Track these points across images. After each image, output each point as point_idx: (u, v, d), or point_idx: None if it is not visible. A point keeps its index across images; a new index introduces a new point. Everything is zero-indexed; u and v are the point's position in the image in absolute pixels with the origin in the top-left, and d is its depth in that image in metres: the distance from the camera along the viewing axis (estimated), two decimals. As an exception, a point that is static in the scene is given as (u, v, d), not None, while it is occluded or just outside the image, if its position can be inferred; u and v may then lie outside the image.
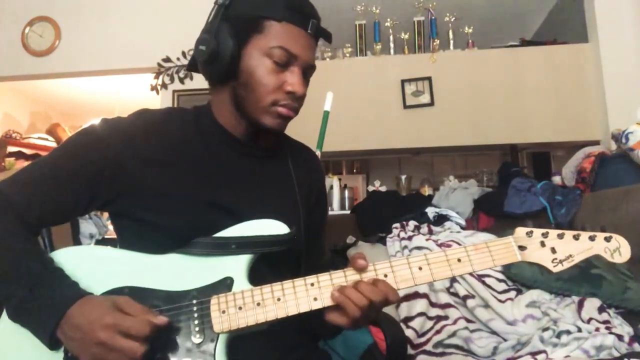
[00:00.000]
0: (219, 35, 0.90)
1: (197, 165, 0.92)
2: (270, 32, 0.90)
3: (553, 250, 0.83)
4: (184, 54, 3.52)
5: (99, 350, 0.72)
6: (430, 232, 2.19)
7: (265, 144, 0.99)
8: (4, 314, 0.80)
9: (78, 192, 0.87)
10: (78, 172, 0.87)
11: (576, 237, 0.83)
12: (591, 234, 0.83)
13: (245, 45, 0.90)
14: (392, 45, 3.64)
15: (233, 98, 0.94)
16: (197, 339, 0.78)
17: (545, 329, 1.59)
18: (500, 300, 1.78)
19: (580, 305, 1.67)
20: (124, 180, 0.88)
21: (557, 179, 2.78)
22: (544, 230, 0.84)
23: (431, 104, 3.38)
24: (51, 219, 0.91)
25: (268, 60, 0.90)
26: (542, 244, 0.84)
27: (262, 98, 0.91)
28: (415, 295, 1.80)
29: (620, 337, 1.49)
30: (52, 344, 0.77)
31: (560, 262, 0.83)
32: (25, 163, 3.86)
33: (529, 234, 0.84)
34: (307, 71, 0.94)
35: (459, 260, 0.82)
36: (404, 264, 0.82)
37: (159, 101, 3.62)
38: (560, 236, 0.84)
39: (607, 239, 0.83)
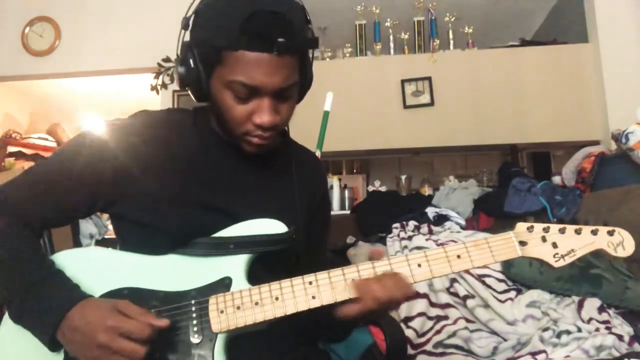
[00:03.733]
0: (186, 62, 0.86)
1: (196, 167, 0.92)
2: (228, 64, 0.82)
3: (554, 245, 0.82)
4: (184, 54, 3.52)
5: (100, 352, 0.73)
6: (431, 232, 2.18)
7: None
8: (7, 315, 0.81)
9: (79, 195, 0.88)
10: (79, 176, 0.87)
11: (578, 232, 0.82)
12: (593, 228, 0.82)
13: (210, 74, 0.85)
14: (392, 45, 3.64)
15: (215, 117, 0.93)
16: (195, 339, 0.78)
17: (545, 329, 1.59)
18: (500, 300, 1.78)
19: (580, 305, 1.66)
20: (124, 183, 0.88)
21: (557, 179, 2.77)
22: (545, 225, 0.83)
23: (431, 104, 3.38)
24: (53, 222, 0.92)
25: (230, 92, 0.84)
26: (544, 239, 0.83)
27: (233, 129, 0.88)
28: (415, 295, 1.80)
29: (620, 337, 1.49)
30: (53, 345, 0.77)
31: (562, 257, 0.81)
32: (25, 163, 3.88)
33: (530, 229, 0.83)
34: (283, 92, 0.86)
35: (458, 256, 0.82)
36: (402, 261, 0.82)
37: (159, 101, 3.61)
38: (562, 231, 0.82)
39: (610, 233, 0.82)
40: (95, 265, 0.86)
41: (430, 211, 2.38)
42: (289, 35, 0.81)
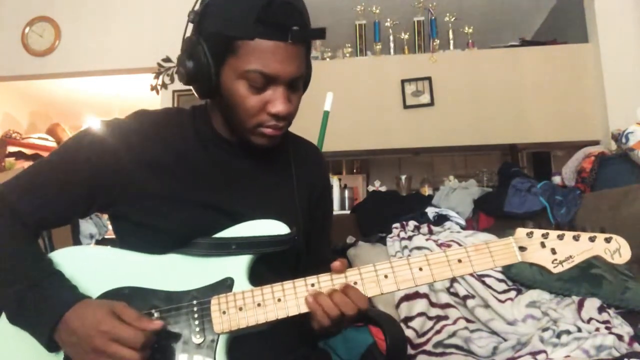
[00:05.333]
0: (194, 55, 0.85)
1: (195, 167, 0.92)
2: (243, 53, 0.82)
3: (553, 251, 0.83)
4: (184, 54, 3.52)
5: (94, 356, 0.73)
6: (430, 232, 2.18)
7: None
8: (4, 315, 0.81)
9: (77, 196, 0.87)
10: (77, 176, 0.87)
11: (576, 238, 0.83)
12: (591, 234, 0.83)
13: (222, 66, 0.85)
14: (392, 45, 3.64)
15: (221, 113, 0.92)
16: (197, 339, 0.78)
17: (545, 329, 1.59)
18: (500, 300, 1.78)
19: (580, 305, 1.67)
20: (122, 183, 0.88)
21: (557, 179, 2.78)
22: (544, 231, 0.84)
23: (431, 104, 3.38)
24: (51, 222, 0.92)
25: (245, 82, 0.84)
26: (542, 245, 0.84)
27: (245, 121, 0.87)
28: (415, 295, 1.80)
29: (620, 337, 1.49)
30: (51, 346, 0.77)
31: (561, 263, 0.83)
32: (26, 163, 3.88)
33: (529, 234, 0.84)
34: (295, 82, 0.87)
35: (459, 260, 0.83)
36: (404, 265, 0.82)
37: (159, 101, 3.61)
38: (560, 237, 0.84)
39: (607, 240, 0.83)
40: (96, 264, 0.86)
41: (430, 211, 2.38)
42: (302, 24, 0.83)
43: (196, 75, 0.87)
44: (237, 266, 0.84)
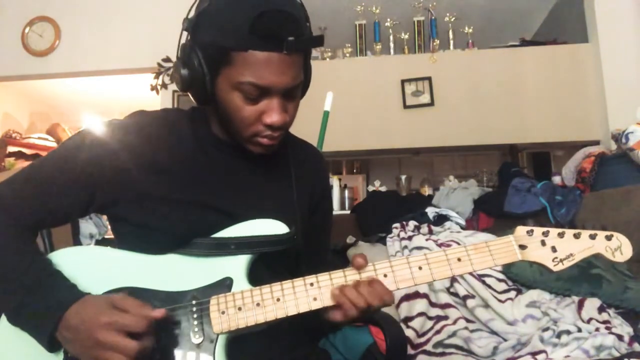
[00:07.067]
0: (189, 63, 0.85)
1: (194, 167, 0.91)
2: (237, 64, 0.81)
3: (553, 249, 0.83)
4: (184, 54, 3.52)
5: (96, 350, 0.72)
6: (430, 232, 2.18)
7: None
8: (4, 316, 0.80)
9: (75, 196, 0.87)
10: (75, 177, 0.87)
11: (577, 236, 0.83)
12: (592, 232, 0.82)
13: (216, 76, 0.84)
14: (392, 45, 3.64)
15: (218, 119, 0.92)
16: (196, 339, 0.78)
17: (545, 329, 1.59)
18: (500, 300, 1.78)
19: (580, 305, 1.67)
20: (120, 184, 0.87)
21: (557, 179, 2.78)
22: (544, 229, 0.83)
23: (431, 104, 3.38)
24: (49, 222, 0.91)
25: (239, 93, 0.83)
26: (543, 243, 0.83)
27: (241, 131, 0.87)
28: (416, 295, 1.80)
29: (620, 337, 1.49)
30: (51, 346, 0.77)
31: (561, 261, 0.82)
32: (25, 163, 3.86)
33: (530, 232, 0.84)
34: (291, 91, 0.86)
35: (459, 259, 0.82)
36: (403, 264, 0.82)
37: (159, 101, 3.61)
38: (561, 235, 0.83)
39: (608, 238, 0.82)
40: (95, 264, 0.86)
41: (430, 211, 2.39)
42: (297, 34, 0.81)
43: (191, 83, 0.86)
44: (236, 266, 0.84)
